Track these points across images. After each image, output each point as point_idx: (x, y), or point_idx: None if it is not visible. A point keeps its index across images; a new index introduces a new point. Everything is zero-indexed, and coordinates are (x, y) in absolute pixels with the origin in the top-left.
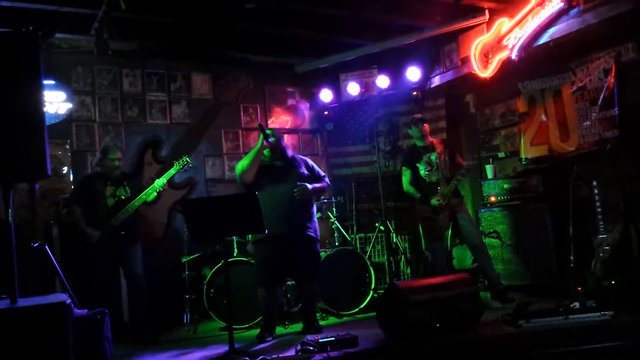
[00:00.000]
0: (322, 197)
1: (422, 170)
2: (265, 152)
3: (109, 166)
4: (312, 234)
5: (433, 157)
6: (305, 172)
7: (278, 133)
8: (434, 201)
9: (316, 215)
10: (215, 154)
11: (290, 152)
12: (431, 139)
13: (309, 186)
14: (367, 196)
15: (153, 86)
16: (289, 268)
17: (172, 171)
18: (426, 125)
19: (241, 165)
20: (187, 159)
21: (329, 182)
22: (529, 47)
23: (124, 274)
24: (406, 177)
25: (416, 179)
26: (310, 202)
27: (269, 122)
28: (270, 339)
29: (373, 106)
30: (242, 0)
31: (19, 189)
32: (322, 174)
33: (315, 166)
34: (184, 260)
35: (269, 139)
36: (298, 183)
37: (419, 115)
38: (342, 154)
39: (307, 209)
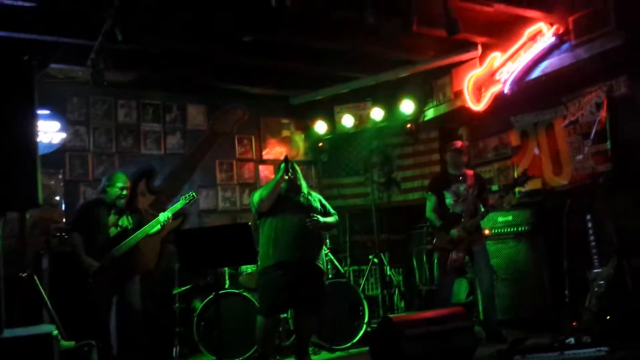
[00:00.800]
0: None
1: (448, 199)
2: (283, 184)
3: (114, 194)
4: (320, 265)
5: (462, 187)
6: (319, 207)
7: (296, 169)
8: (454, 232)
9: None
10: (209, 185)
11: (306, 188)
12: (465, 170)
13: (321, 219)
14: (360, 228)
15: (148, 117)
16: (293, 297)
17: (178, 205)
18: (465, 157)
19: (259, 194)
20: (194, 194)
21: (337, 219)
22: (521, 81)
23: (116, 306)
24: (430, 202)
25: (440, 206)
26: (320, 236)
27: (263, 153)
28: None
29: (367, 138)
30: (239, 32)
31: (9, 218)
32: (332, 211)
33: (326, 203)
34: (175, 292)
35: (288, 174)
36: (311, 214)
37: (459, 143)
38: (336, 186)
39: (317, 241)
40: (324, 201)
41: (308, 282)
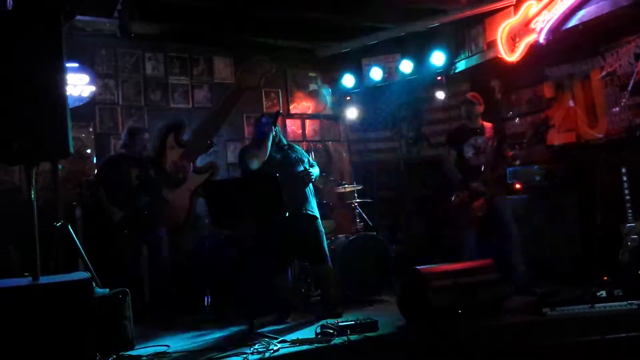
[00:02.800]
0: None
1: (467, 152)
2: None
3: (136, 148)
4: (310, 212)
5: (480, 140)
6: (306, 158)
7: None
8: (475, 186)
9: (314, 199)
10: (236, 139)
11: (285, 139)
12: (482, 122)
13: (311, 170)
14: (389, 183)
15: (175, 70)
16: (297, 250)
17: None
18: (479, 107)
19: (252, 154)
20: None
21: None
22: (557, 31)
23: (147, 255)
24: (449, 157)
25: (459, 160)
26: (309, 185)
27: (290, 107)
28: (289, 320)
29: (396, 92)
30: None
31: (42, 171)
32: (314, 162)
33: (308, 155)
34: (206, 243)
35: (276, 126)
36: (303, 167)
37: (471, 95)
38: (364, 140)
39: (305, 192)
40: (305, 153)
41: (308, 233)
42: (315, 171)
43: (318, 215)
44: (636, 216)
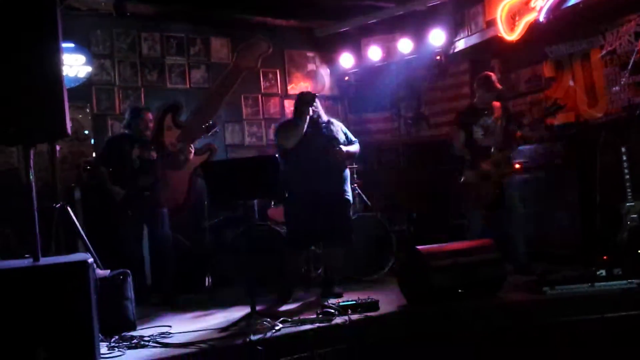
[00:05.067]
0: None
1: (477, 133)
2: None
3: (139, 128)
4: (346, 196)
5: (489, 120)
6: (341, 137)
7: (314, 97)
8: (485, 166)
9: (348, 180)
10: (235, 120)
11: (325, 116)
12: (492, 102)
13: (344, 149)
14: (388, 163)
15: (172, 50)
16: (321, 230)
17: None
18: (496, 88)
19: (285, 130)
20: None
21: (358, 147)
22: (557, 9)
23: (148, 236)
24: (459, 137)
25: (468, 140)
26: (344, 166)
27: (288, 87)
28: (290, 300)
29: (395, 71)
30: None
31: (40, 152)
32: (354, 139)
33: (347, 131)
34: (206, 224)
35: (310, 109)
36: (335, 144)
37: (485, 74)
38: (363, 121)
39: (342, 172)
40: (345, 129)
41: (335, 214)
42: (352, 148)
43: (350, 197)
44: (635, 195)
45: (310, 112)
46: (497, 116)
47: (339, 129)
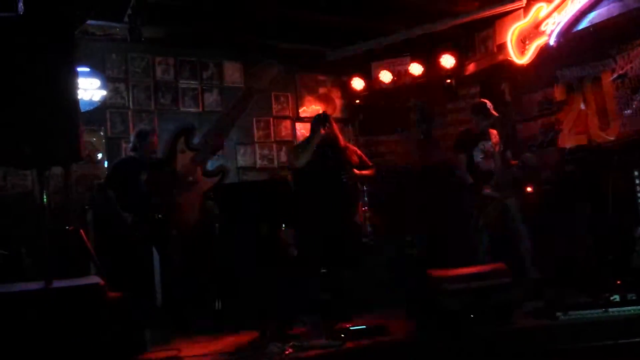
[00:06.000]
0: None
1: (477, 157)
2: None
3: (145, 150)
4: (357, 220)
5: (488, 144)
6: (356, 160)
7: (332, 122)
8: (487, 190)
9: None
10: (246, 142)
11: (342, 141)
12: (488, 129)
13: (357, 172)
14: (399, 186)
15: (185, 74)
16: (332, 255)
17: None
18: (491, 117)
19: (296, 150)
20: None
21: (374, 171)
22: (568, 33)
23: (159, 259)
24: (460, 161)
25: (470, 164)
26: (357, 191)
27: (300, 111)
28: (300, 325)
29: (405, 94)
30: None
31: (54, 174)
32: (369, 164)
33: (363, 155)
34: (216, 246)
35: (325, 128)
36: (348, 168)
37: (481, 101)
38: (374, 144)
39: (354, 197)
40: (360, 153)
41: (346, 239)
42: (365, 172)
43: (360, 221)
44: None
45: (323, 132)
46: (495, 142)
47: (354, 152)
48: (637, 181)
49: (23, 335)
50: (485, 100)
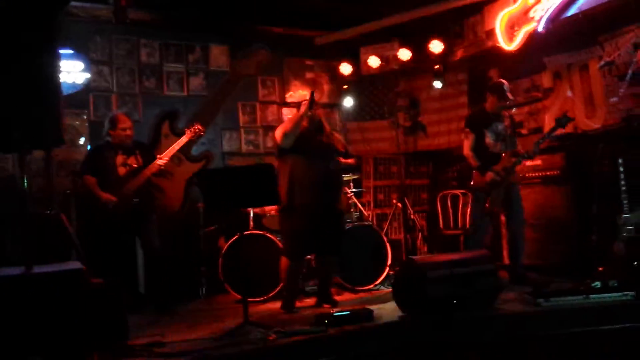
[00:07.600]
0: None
1: (488, 138)
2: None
3: (119, 136)
4: (340, 207)
5: (500, 127)
6: (341, 148)
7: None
8: (494, 172)
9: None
10: (232, 127)
11: (328, 126)
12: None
13: (342, 159)
14: (385, 172)
15: (170, 57)
16: (317, 240)
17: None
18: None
19: (284, 127)
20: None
21: (355, 162)
22: (556, 20)
23: (140, 244)
24: (469, 140)
25: (478, 145)
26: (341, 178)
27: (286, 95)
28: (284, 311)
29: (393, 80)
30: None
31: (36, 158)
32: (352, 155)
33: (346, 145)
34: (200, 232)
35: (312, 108)
36: (335, 157)
37: (499, 81)
38: (361, 129)
39: (338, 183)
40: (345, 143)
41: (330, 225)
42: (349, 161)
43: (343, 207)
44: (632, 207)
45: (310, 111)
46: (507, 124)
47: (339, 141)
48: (621, 169)
49: (4, 321)
50: (504, 81)
